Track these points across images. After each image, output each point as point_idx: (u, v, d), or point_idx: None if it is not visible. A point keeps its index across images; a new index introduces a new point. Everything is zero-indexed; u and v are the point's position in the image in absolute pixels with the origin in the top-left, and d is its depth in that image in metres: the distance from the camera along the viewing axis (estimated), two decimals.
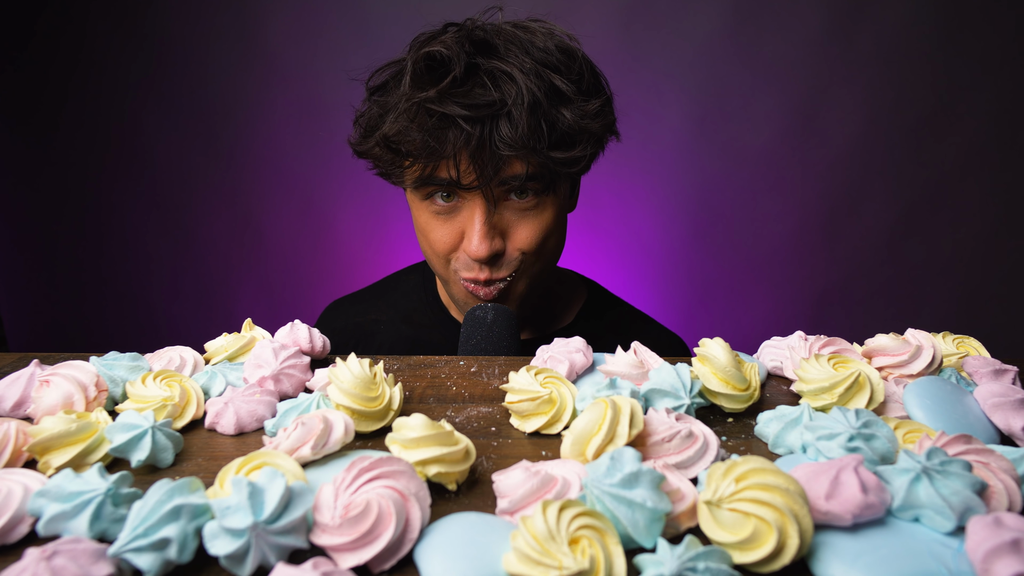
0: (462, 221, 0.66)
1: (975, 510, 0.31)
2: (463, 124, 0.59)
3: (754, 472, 0.31)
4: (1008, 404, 0.42)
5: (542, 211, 0.67)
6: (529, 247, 0.67)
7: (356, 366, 0.43)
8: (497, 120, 0.59)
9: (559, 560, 0.27)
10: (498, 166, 0.61)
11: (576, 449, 0.37)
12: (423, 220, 0.69)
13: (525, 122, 0.59)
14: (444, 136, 0.60)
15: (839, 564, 0.29)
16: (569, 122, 0.61)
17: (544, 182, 0.64)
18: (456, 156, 0.60)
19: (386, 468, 0.32)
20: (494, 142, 0.59)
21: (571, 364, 0.49)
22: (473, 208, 0.65)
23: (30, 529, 0.33)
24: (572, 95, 0.62)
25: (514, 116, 0.59)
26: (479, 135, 0.59)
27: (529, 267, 0.68)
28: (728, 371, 0.44)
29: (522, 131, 0.59)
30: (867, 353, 0.49)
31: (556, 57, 0.63)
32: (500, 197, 0.65)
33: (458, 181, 0.62)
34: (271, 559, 0.29)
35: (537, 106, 0.60)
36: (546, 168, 0.62)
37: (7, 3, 1.84)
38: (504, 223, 0.66)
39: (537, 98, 0.60)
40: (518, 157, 0.61)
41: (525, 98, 0.59)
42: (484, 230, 0.64)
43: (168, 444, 0.39)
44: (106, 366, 0.46)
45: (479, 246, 0.63)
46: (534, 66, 0.61)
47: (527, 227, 0.66)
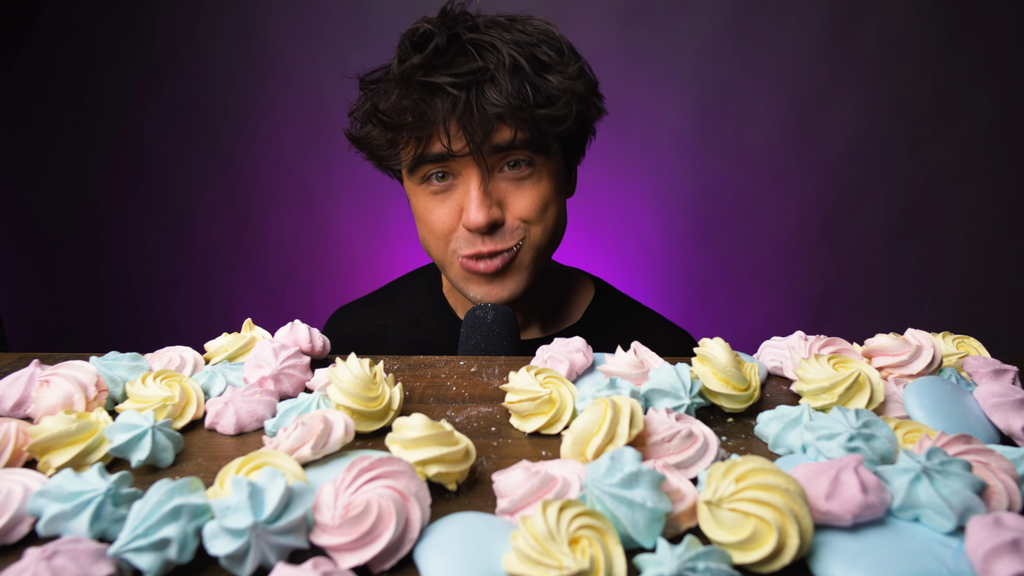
0: (459, 197, 0.67)
1: (975, 510, 0.31)
2: (450, 89, 0.61)
3: (754, 472, 0.31)
4: (1008, 404, 0.42)
5: (537, 180, 0.68)
6: (528, 214, 0.67)
7: (356, 366, 0.43)
8: (482, 85, 0.61)
9: (559, 560, 0.27)
10: (487, 130, 0.62)
11: (576, 449, 0.37)
12: (421, 205, 0.69)
13: (509, 84, 0.61)
14: (432, 103, 0.62)
15: (839, 564, 0.29)
16: (553, 84, 0.63)
17: (534, 145, 0.65)
18: (445, 123, 0.62)
19: (386, 468, 0.32)
20: (481, 105, 0.61)
21: (571, 364, 0.49)
22: (468, 180, 0.66)
23: (30, 529, 0.33)
24: (553, 62, 0.64)
25: (498, 80, 0.61)
26: (465, 99, 0.61)
27: (533, 238, 0.69)
28: (728, 371, 0.44)
29: (508, 93, 0.61)
30: (867, 353, 0.49)
31: (536, 35, 0.66)
32: (493, 166, 0.66)
33: (449, 148, 0.63)
34: (271, 559, 0.29)
35: (520, 70, 0.62)
36: (534, 129, 0.64)
37: (7, 3, 1.84)
38: (500, 193, 0.67)
39: (519, 63, 0.62)
40: (505, 121, 0.63)
41: (507, 62, 0.61)
42: (480, 198, 0.65)
43: (168, 444, 0.39)
44: (106, 366, 0.46)
45: (476, 214, 0.64)
46: (515, 38, 0.64)
47: (524, 195, 0.67)
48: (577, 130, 0.70)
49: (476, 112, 0.61)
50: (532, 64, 0.63)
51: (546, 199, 0.68)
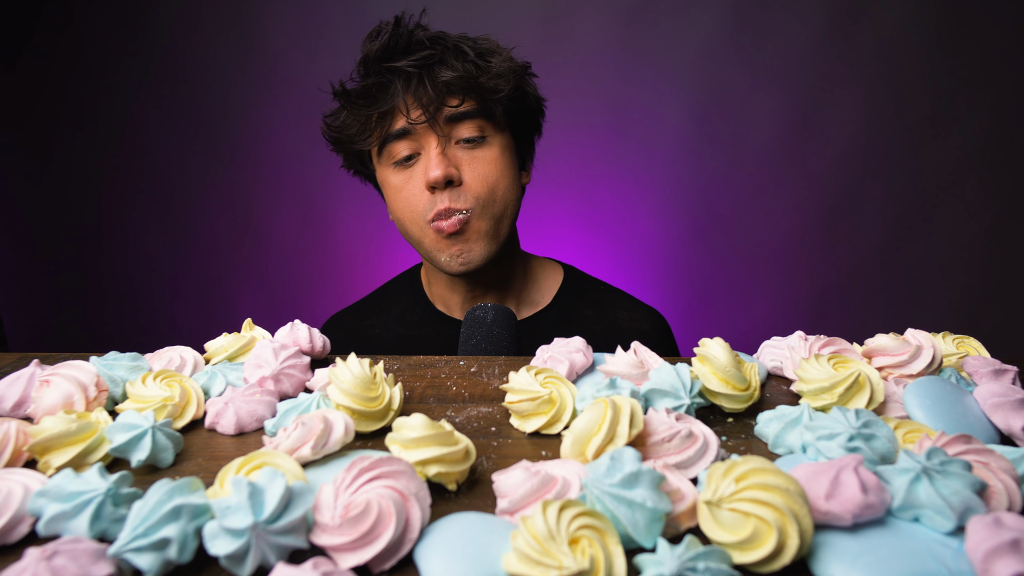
0: (423, 166, 0.75)
1: (975, 510, 0.31)
2: (407, 68, 0.71)
3: (754, 472, 0.31)
4: (1008, 404, 0.42)
5: (488, 150, 0.76)
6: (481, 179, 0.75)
7: (356, 366, 0.43)
8: (433, 66, 0.72)
9: (559, 560, 0.27)
10: (440, 99, 0.72)
11: (576, 449, 0.37)
12: (394, 184, 0.77)
13: (457, 62, 0.72)
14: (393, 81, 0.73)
15: (839, 564, 0.29)
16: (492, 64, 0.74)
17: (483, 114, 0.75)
18: (404, 97, 0.72)
19: (386, 468, 0.32)
20: (433, 79, 0.72)
21: (571, 364, 0.49)
22: (428, 148, 0.74)
23: (30, 529, 0.33)
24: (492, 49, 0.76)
25: (447, 60, 0.73)
26: (418, 76, 0.72)
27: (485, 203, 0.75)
28: (728, 371, 0.44)
29: (455, 68, 0.72)
30: (867, 353, 0.49)
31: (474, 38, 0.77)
32: (450, 135, 0.74)
33: (408, 116, 0.72)
34: (271, 559, 0.29)
35: (465, 53, 0.74)
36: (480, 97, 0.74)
37: (7, 3, 1.84)
38: (456, 160, 0.75)
39: (464, 48, 0.74)
40: (454, 93, 0.72)
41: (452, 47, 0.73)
42: (439, 158, 0.73)
43: (168, 444, 0.39)
44: (106, 366, 0.46)
45: (435, 169, 0.72)
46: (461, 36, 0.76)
47: (477, 163, 0.75)
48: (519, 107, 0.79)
49: (428, 85, 0.71)
50: (475, 51, 0.74)
51: (497, 167, 0.76)
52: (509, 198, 0.78)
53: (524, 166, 0.86)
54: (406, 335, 0.87)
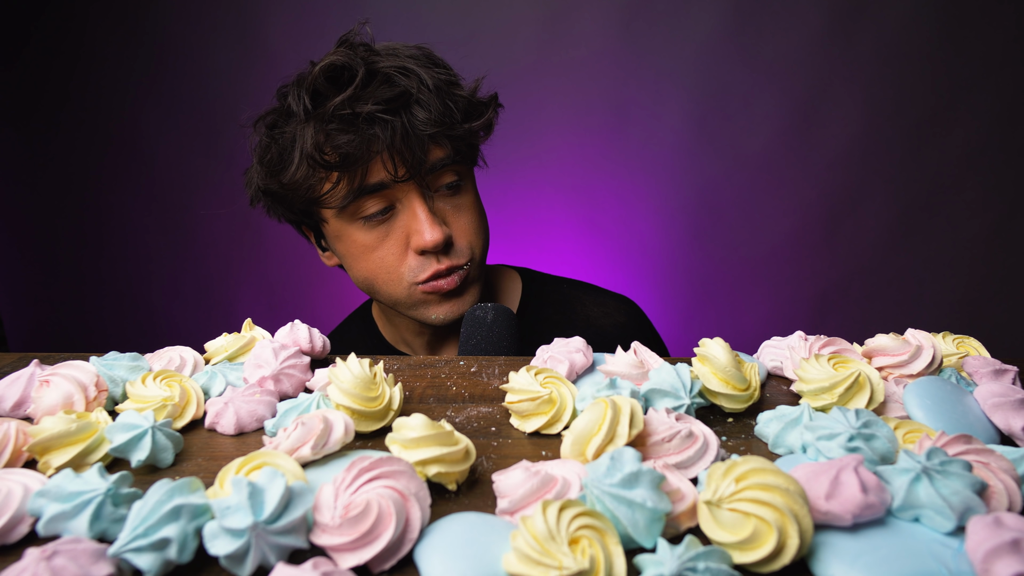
0: (403, 225, 0.67)
1: (975, 510, 0.31)
2: (384, 116, 0.62)
3: (754, 472, 0.30)
4: (1008, 404, 0.42)
5: (467, 195, 0.71)
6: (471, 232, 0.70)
7: (356, 366, 0.43)
8: (410, 108, 0.64)
9: (559, 560, 0.27)
10: (425, 151, 0.64)
11: (576, 449, 0.37)
12: (360, 243, 0.68)
13: (436, 103, 0.64)
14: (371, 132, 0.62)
15: (839, 564, 0.29)
16: (466, 98, 0.67)
17: (466, 158, 0.69)
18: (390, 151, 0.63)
19: (386, 468, 0.32)
20: (415, 127, 0.63)
21: (571, 364, 0.49)
22: (411, 205, 0.67)
23: (30, 529, 0.33)
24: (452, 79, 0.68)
25: (424, 101, 0.64)
26: (400, 126, 0.62)
27: (478, 253, 0.72)
28: (728, 371, 0.44)
29: (436, 111, 0.64)
30: (867, 353, 0.49)
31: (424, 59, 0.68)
32: (430, 186, 0.67)
33: (395, 175, 0.64)
34: (271, 559, 0.29)
35: (439, 88, 0.65)
36: (464, 144, 0.67)
37: (7, 3, 1.84)
38: (442, 213, 0.69)
39: (437, 82, 0.65)
40: (437, 141, 0.65)
41: (428, 83, 0.64)
42: (430, 218, 0.66)
43: (168, 444, 0.39)
44: (106, 366, 0.46)
45: (431, 232, 0.65)
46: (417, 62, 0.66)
47: (463, 214, 0.70)
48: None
49: (412, 136, 0.63)
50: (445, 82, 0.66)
51: (479, 211, 0.72)
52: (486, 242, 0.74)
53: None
54: None
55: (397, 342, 0.83)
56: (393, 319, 0.81)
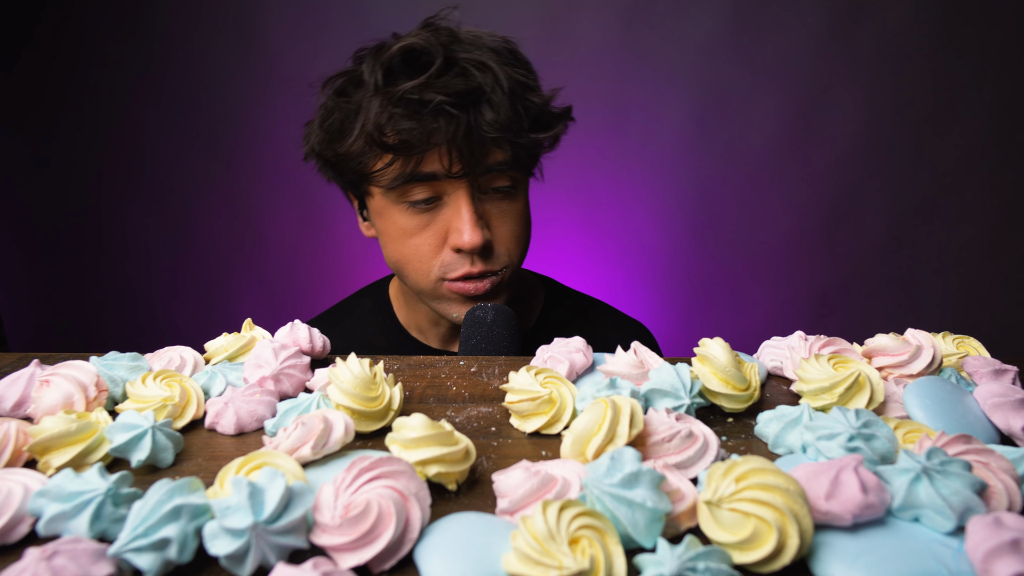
0: (445, 219, 0.66)
1: (975, 510, 0.31)
2: (451, 110, 0.60)
3: (754, 472, 0.30)
4: (1008, 404, 0.42)
5: (515, 203, 0.69)
6: (513, 238, 0.69)
7: (356, 366, 0.43)
8: (479, 106, 0.62)
9: (559, 560, 0.27)
10: (484, 152, 0.63)
11: (576, 449, 0.37)
12: (399, 225, 0.67)
13: (506, 106, 0.62)
14: (434, 125, 0.61)
15: (839, 564, 0.29)
16: (539, 105, 0.65)
17: (523, 167, 0.67)
18: (449, 145, 0.61)
19: (386, 468, 0.32)
20: (480, 127, 0.61)
21: (571, 364, 0.49)
22: (458, 201, 0.65)
23: (30, 529, 0.33)
24: (530, 82, 0.66)
25: (495, 101, 0.62)
26: (466, 121, 0.61)
27: (515, 260, 0.70)
28: (728, 371, 0.44)
29: (504, 115, 0.62)
30: (867, 353, 0.49)
31: (506, 54, 0.66)
32: (481, 187, 0.66)
33: (449, 170, 0.62)
34: (271, 559, 0.29)
35: (513, 92, 0.63)
36: (524, 151, 0.65)
37: (7, 3, 1.84)
38: (486, 215, 0.67)
39: (513, 84, 0.63)
40: (499, 144, 0.63)
41: (504, 84, 0.62)
42: (473, 219, 0.64)
43: (168, 444, 0.39)
44: (106, 366, 0.46)
45: (472, 235, 0.64)
46: (499, 57, 0.64)
47: (508, 219, 0.68)
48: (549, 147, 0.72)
49: (474, 135, 0.61)
50: (520, 85, 0.64)
51: (525, 220, 0.71)
52: (525, 252, 0.72)
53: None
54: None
55: (410, 327, 0.81)
56: (413, 304, 0.79)
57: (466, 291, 0.68)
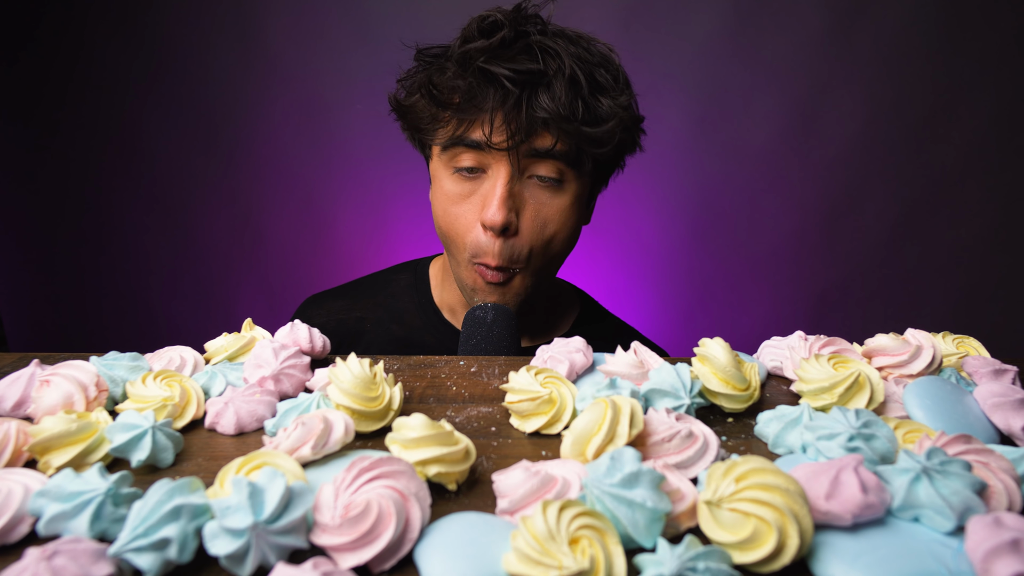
0: (484, 193, 0.67)
1: (975, 510, 0.31)
2: (506, 83, 0.61)
3: (754, 472, 0.31)
4: (1008, 404, 0.42)
5: (557, 197, 0.67)
6: (536, 238, 0.67)
7: (356, 366, 0.43)
8: (537, 88, 0.62)
9: (559, 560, 0.27)
10: (531, 131, 0.63)
11: (576, 449, 0.37)
12: (446, 189, 0.69)
13: (564, 95, 0.61)
14: (485, 92, 0.62)
15: (839, 564, 0.29)
16: (604, 106, 0.64)
17: (569, 159, 0.65)
18: (492, 114, 0.62)
19: (386, 468, 0.32)
20: (531, 106, 0.62)
21: (571, 364, 0.49)
22: (497, 177, 0.65)
23: (30, 529, 0.33)
24: (608, 86, 0.65)
25: (554, 88, 0.61)
26: (517, 96, 0.61)
27: (536, 260, 0.69)
28: (728, 371, 0.44)
29: (560, 102, 0.61)
30: (867, 353, 0.49)
31: (597, 57, 0.66)
32: (524, 169, 0.66)
33: (489, 139, 0.63)
34: (271, 559, 0.29)
35: (577, 84, 0.62)
36: (574, 145, 0.64)
37: (7, 3, 1.84)
38: (522, 200, 0.67)
39: (577, 77, 0.62)
40: (549, 129, 0.63)
41: (566, 72, 0.62)
42: (504, 196, 0.64)
43: (168, 444, 0.39)
44: (106, 366, 0.46)
45: (496, 212, 0.64)
46: (577, 52, 0.64)
47: (540, 211, 0.67)
48: (611, 157, 0.70)
49: (524, 111, 0.61)
50: (589, 82, 0.63)
51: (562, 217, 0.68)
52: (562, 251, 0.71)
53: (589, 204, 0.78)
54: (405, 338, 0.80)
55: (443, 307, 0.82)
56: (450, 285, 0.80)
57: (482, 274, 0.68)
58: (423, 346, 0.80)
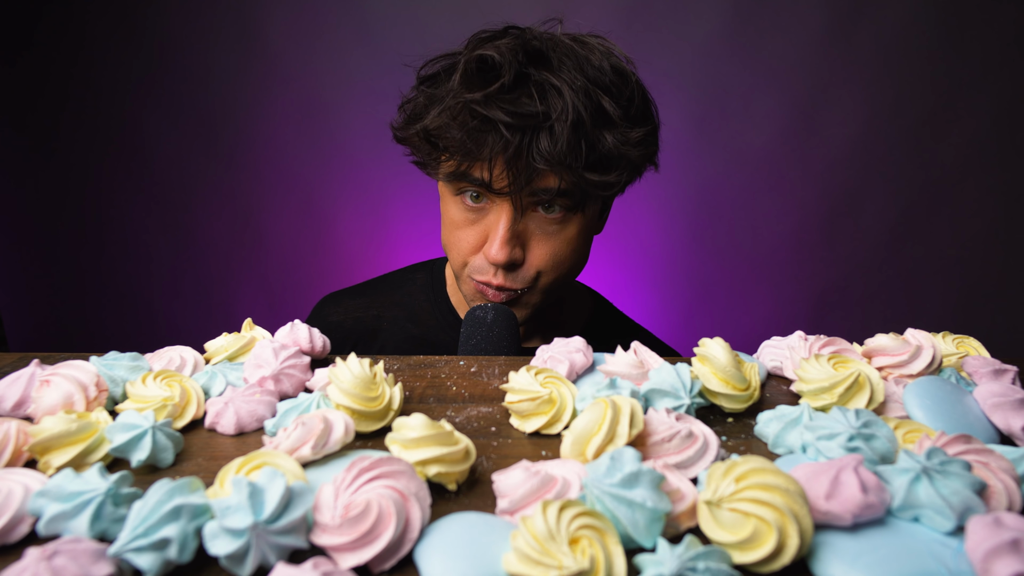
0: (487, 224, 0.66)
1: (975, 510, 0.31)
2: (504, 131, 0.59)
3: (754, 472, 0.31)
4: (1008, 404, 0.42)
5: (566, 228, 0.67)
6: (546, 266, 0.67)
7: (356, 366, 0.43)
8: (538, 132, 0.60)
9: (559, 560, 0.27)
10: (531, 176, 0.61)
11: (576, 449, 0.37)
12: (451, 214, 0.69)
13: (566, 139, 0.59)
14: (483, 139, 0.60)
15: (839, 564, 0.29)
16: (609, 146, 0.62)
17: (574, 200, 0.64)
18: (492, 160, 0.61)
19: (386, 468, 0.32)
20: (531, 153, 0.60)
21: (571, 364, 0.49)
22: (500, 213, 0.65)
23: (30, 529, 0.33)
24: (618, 119, 0.62)
25: (556, 131, 0.59)
26: (517, 144, 0.59)
27: (543, 284, 0.69)
28: (728, 371, 0.44)
29: (561, 147, 0.59)
30: (867, 353, 0.49)
31: (609, 78, 0.63)
32: (528, 206, 0.65)
33: (490, 184, 0.62)
34: (271, 559, 0.29)
35: (580, 125, 0.60)
36: (578, 187, 0.63)
37: (7, 3, 1.84)
38: (527, 234, 0.66)
39: (581, 117, 0.59)
40: (552, 172, 0.61)
41: (570, 115, 0.59)
42: (506, 236, 0.64)
43: (168, 444, 0.39)
44: (106, 366, 0.46)
45: (499, 251, 0.64)
46: (584, 84, 0.60)
47: (548, 243, 0.67)
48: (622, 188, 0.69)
49: (525, 158, 0.60)
50: (594, 118, 0.61)
51: (569, 249, 0.68)
52: (571, 274, 0.71)
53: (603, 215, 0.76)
54: (421, 337, 0.80)
55: (459, 307, 0.82)
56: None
57: (485, 294, 0.68)
58: (439, 345, 0.80)
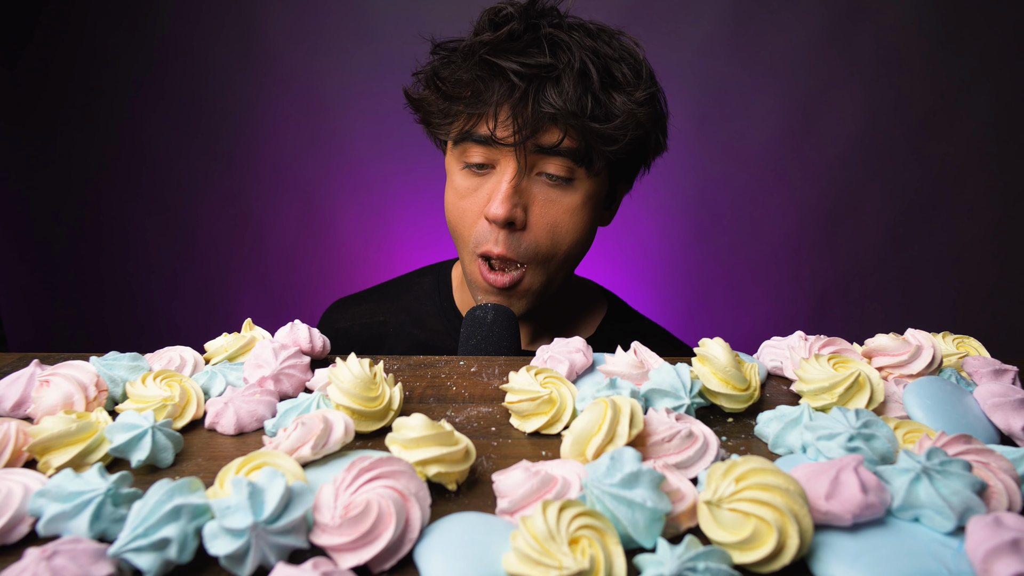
0: (491, 187, 0.66)
1: (975, 510, 0.31)
2: (512, 77, 0.60)
3: (754, 472, 0.31)
4: (1008, 404, 0.42)
5: (567, 195, 0.66)
6: (545, 234, 0.66)
7: (356, 366, 0.43)
8: (544, 82, 0.60)
9: (559, 560, 0.27)
10: (536, 127, 0.61)
11: (576, 449, 0.37)
12: (456, 184, 0.69)
13: (572, 90, 0.60)
14: (491, 85, 0.61)
15: (839, 564, 0.29)
16: (616, 103, 0.62)
17: (578, 156, 0.64)
18: (497, 108, 0.61)
19: (386, 468, 0.32)
20: (538, 102, 0.60)
21: (571, 364, 0.49)
22: (503, 172, 0.65)
23: (30, 529, 0.33)
24: (625, 82, 0.63)
25: (563, 83, 0.60)
26: (523, 91, 0.60)
27: (544, 260, 0.68)
28: (728, 371, 0.44)
29: (567, 98, 0.60)
30: (867, 353, 0.49)
31: (618, 51, 0.65)
32: (532, 166, 0.65)
33: (493, 133, 0.62)
34: (271, 559, 0.29)
35: (587, 78, 0.61)
36: (582, 140, 0.62)
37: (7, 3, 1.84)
38: (529, 196, 0.66)
39: (588, 71, 0.60)
40: (557, 125, 0.62)
41: (576, 67, 0.60)
42: (508, 192, 0.64)
43: (168, 444, 0.39)
44: (106, 366, 0.46)
45: (499, 206, 0.63)
46: (594, 46, 0.62)
47: (549, 209, 0.66)
48: (628, 157, 0.68)
49: (530, 106, 0.60)
50: (602, 77, 0.62)
51: (572, 217, 0.67)
52: (573, 253, 0.69)
53: (610, 206, 0.75)
54: (427, 342, 0.79)
55: (464, 309, 0.81)
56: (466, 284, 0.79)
57: (487, 278, 0.68)
58: (444, 349, 0.79)
